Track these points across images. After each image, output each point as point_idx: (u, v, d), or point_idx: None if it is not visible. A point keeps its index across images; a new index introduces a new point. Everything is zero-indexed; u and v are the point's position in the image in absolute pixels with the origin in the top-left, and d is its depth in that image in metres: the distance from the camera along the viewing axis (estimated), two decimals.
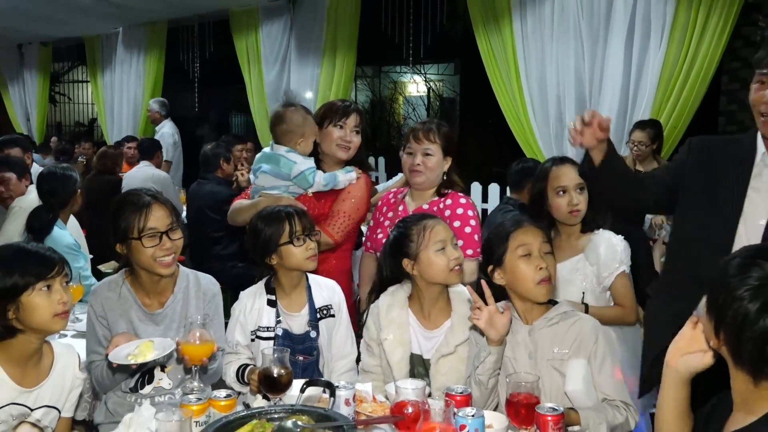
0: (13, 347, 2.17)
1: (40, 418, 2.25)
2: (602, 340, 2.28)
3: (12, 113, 12.03)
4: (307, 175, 3.24)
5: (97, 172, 6.65)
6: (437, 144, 3.15)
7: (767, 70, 2.28)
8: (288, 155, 3.26)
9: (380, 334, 2.62)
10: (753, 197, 2.39)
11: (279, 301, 2.73)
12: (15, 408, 2.17)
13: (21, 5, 8.18)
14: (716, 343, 1.58)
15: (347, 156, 3.35)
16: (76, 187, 4.02)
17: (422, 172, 3.16)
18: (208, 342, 2.34)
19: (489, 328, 2.25)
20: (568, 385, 2.22)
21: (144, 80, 9.54)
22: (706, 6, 4.85)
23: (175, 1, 7.78)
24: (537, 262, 2.31)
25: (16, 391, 2.17)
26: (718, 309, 1.55)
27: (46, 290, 2.15)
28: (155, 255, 2.48)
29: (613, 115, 5.31)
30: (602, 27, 5.30)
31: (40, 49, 11.18)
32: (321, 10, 7.33)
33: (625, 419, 2.17)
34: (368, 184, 3.43)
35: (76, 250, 3.82)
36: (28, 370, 2.22)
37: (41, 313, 2.14)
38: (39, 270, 2.15)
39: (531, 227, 2.40)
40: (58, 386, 2.30)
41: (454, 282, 2.59)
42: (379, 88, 15.59)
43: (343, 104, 3.40)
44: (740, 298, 1.49)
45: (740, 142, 2.50)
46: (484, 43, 5.90)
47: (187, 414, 1.99)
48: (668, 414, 1.78)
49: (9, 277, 2.11)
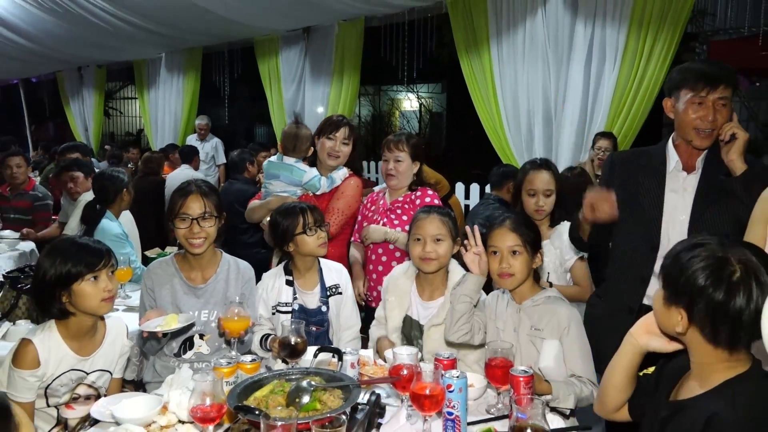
0: (71, 324, 2.19)
1: (95, 380, 2.25)
2: (575, 325, 2.25)
3: (73, 125, 12.01)
4: (316, 181, 3.34)
5: (143, 174, 6.63)
6: (405, 152, 3.22)
7: (703, 93, 2.28)
8: (297, 165, 3.38)
9: (386, 295, 2.68)
10: (671, 198, 2.40)
11: (295, 281, 2.73)
12: (74, 373, 2.18)
13: (82, 35, 8.18)
14: (685, 326, 1.49)
15: (337, 163, 3.41)
16: (122, 185, 3.98)
17: (395, 175, 3.25)
18: (245, 318, 2.35)
19: (472, 263, 2.32)
20: (541, 362, 2.20)
21: (183, 97, 9.53)
22: (652, 35, 4.84)
23: (209, 31, 7.76)
24: (500, 260, 2.31)
25: (75, 359, 2.18)
26: (688, 300, 1.47)
27: (93, 280, 2.15)
28: (186, 236, 2.50)
29: (574, 127, 5.32)
30: (565, 53, 5.28)
31: (96, 71, 11.14)
32: (331, 38, 7.31)
33: (590, 393, 2.16)
34: (359, 185, 3.44)
35: (122, 239, 3.81)
36: (84, 341, 2.22)
37: (90, 299, 2.15)
38: (89, 261, 2.15)
39: (503, 230, 2.33)
40: (109, 353, 2.30)
41: (425, 270, 2.57)
42: (379, 104, 15.58)
43: (336, 119, 3.44)
44: (707, 286, 1.43)
45: (651, 153, 2.51)
46: (467, 67, 5.88)
47: (219, 375, 1.99)
48: (617, 376, 1.72)
49: (63, 266, 2.12)
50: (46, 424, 2.20)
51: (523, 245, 2.30)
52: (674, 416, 1.52)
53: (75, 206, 4.50)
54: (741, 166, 2.26)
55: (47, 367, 2.10)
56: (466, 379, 1.90)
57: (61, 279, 2.11)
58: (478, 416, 2.02)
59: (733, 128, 2.27)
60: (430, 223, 2.54)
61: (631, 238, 2.45)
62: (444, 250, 2.53)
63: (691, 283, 1.46)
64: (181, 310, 2.56)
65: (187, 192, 2.51)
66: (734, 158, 2.27)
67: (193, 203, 2.49)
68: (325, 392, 1.86)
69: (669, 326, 1.55)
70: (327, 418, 1.64)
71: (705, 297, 1.44)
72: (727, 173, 2.29)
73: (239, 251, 3.19)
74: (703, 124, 2.30)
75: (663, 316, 1.57)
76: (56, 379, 2.13)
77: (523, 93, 5.54)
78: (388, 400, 2.10)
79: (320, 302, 2.72)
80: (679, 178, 2.41)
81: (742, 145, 2.27)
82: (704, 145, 2.34)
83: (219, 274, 2.64)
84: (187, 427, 1.89)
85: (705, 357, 1.50)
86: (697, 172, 2.38)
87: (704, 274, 1.44)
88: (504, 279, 2.31)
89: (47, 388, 2.13)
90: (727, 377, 1.47)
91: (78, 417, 2.23)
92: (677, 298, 1.50)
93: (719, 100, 2.27)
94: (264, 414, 1.65)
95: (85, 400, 2.24)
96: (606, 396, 1.77)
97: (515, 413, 1.63)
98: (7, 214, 5.52)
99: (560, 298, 2.36)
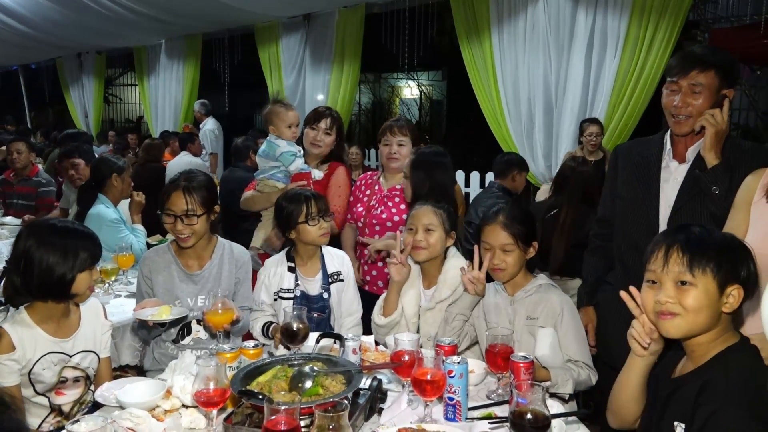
0: (39, 309, 2.18)
1: (79, 361, 2.25)
2: (567, 310, 2.28)
3: (73, 111, 12.00)
4: (288, 155, 3.38)
5: (144, 161, 6.62)
6: (408, 136, 3.31)
7: (675, 78, 2.27)
8: (274, 140, 3.43)
9: None
10: (665, 187, 2.38)
11: (298, 268, 2.74)
12: (54, 356, 2.18)
13: (81, 21, 8.15)
14: (739, 301, 1.53)
15: (319, 152, 3.48)
16: (113, 169, 3.94)
17: (398, 159, 3.31)
18: (229, 311, 2.33)
19: (468, 284, 2.34)
20: (537, 350, 2.21)
21: (183, 84, 9.50)
22: (654, 23, 4.82)
23: (209, 17, 7.72)
24: (492, 256, 2.33)
25: (51, 341, 2.17)
26: (736, 272, 1.52)
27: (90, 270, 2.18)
28: (172, 230, 2.54)
29: (574, 115, 5.33)
30: (566, 40, 5.27)
31: (96, 57, 11.10)
32: (331, 25, 7.28)
33: (587, 376, 2.19)
34: (347, 173, 3.54)
35: (117, 224, 3.82)
36: (60, 324, 2.22)
37: (82, 287, 2.17)
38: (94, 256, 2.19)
39: (495, 227, 2.35)
40: (89, 333, 2.30)
41: (415, 258, 2.61)
42: (379, 92, 15.52)
43: (320, 110, 3.53)
44: (744, 252, 1.55)
45: (651, 143, 2.49)
46: (468, 54, 5.86)
47: (222, 360, 2.01)
48: (631, 389, 1.71)
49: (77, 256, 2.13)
50: (40, 412, 2.20)
51: (515, 242, 2.32)
52: (676, 392, 1.57)
53: (77, 193, 4.50)
54: (711, 159, 2.20)
55: (23, 350, 2.09)
56: (467, 364, 1.92)
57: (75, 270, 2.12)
58: (478, 401, 2.03)
59: (704, 120, 2.20)
60: (423, 214, 2.59)
61: (635, 224, 2.44)
62: (434, 239, 2.56)
63: (744, 254, 1.54)
64: (178, 297, 2.59)
65: (172, 188, 2.54)
66: (704, 151, 2.23)
67: (178, 200, 2.51)
68: (327, 377, 1.87)
69: (716, 311, 1.53)
70: (329, 402, 1.64)
71: (752, 264, 1.53)
72: (704, 167, 2.24)
73: (240, 239, 3.20)
74: (675, 110, 2.27)
75: (711, 304, 1.52)
76: (37, 363, 2.13)
77: (524, 81, 5.53)
78: (390, 385, 2.11)
79: (322, 289, 2.73)
80: (671, 168, 2.39)
81: (711, 137, 2.19)
82: (681, 131, 2.31)
83: (214, 259, 2.67)
84: (190, 411, 1.90)
85: (713, 335, 1.55)
86: (688, 162, 2.34)
87: (740, 243, 1.56)
88: (496, 273, 2.36)
89: (30, 373, 2.12)
90: (720, 350, 1.53)
91: (71, 402, 2.24)
92: (737, 275, 1.52)
93: (692, 85, 2.23)
94: (267, 398, 1.67)
95: (73, 382, 2.24)
96: (623, 410, 1.75)
97: (515, 398, 1.64)
98: (11, 199, 5.53)
99: (552, 285, 2.38)
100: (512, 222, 2.33)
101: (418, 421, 1.86)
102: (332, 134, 3.46)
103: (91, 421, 1.56)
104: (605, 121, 5.21)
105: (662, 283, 1.56)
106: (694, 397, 1.47)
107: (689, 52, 2.32)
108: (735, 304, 1.52)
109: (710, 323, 1.53)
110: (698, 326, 1.54)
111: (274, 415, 1.53)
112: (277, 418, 1.53)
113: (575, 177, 3.89)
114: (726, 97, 2.24)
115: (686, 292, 1.52)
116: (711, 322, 1.53)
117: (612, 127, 5.21)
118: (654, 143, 2.47)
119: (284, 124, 3.45)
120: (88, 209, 3.84)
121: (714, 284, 1.51)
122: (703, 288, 1.51)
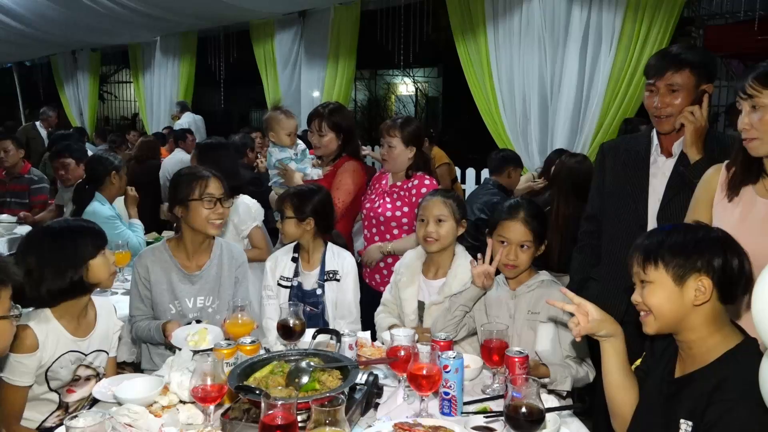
0: (67, 305, 2.19)
1: (93, 360, 2.28)
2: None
3: (68, 109, 11.95)
4: (283, 162, 3.49)
5: (140, 158, 6.60)
6: (397, 138, 3.24)
7: (652, 80, 2.30)
8: (270, 149, 3.57)
9: (397, 276, 2.72)
10: (653, 182, 2.41)
11: (300, 260, 2.77)
12: (73, 354, 2.20)
13: (75, 18, 8.11)
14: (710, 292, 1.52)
15: (319, 153, 3.55)
16: (111, 167, 3.92)
17: (387, 160, 3.30)
18: (249, 323, 2.34)
19: (477, 277, 2.33)
20: (537, 346, 2.23)
21: (178, 81, 9.49)
22: (648, 19, 4.84)
23: (204, 14, 7.71)
24: (507, 252, 2.32)
25: (71, 340, 2.19)
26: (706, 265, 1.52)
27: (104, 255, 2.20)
28: (209, 217, 2.53)
29: (569, 111, 5.34)
30: (561, 36, 5.28)
31: (90, 54, 11.07)
32: (326, 22, 7.28)
33: (585, 373, 2.20)
34: (357, 170, 3.48)
35: (113, 220, 3.81)
36: (80, 322, 2.24)
37: (103, 272, 2.20)
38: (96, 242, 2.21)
39: (516, 223, 2.33)
40: (103, 332, 2.32)
41: (427, 249, 2.62)
42: (374, 89, 15.53)
43: (310, 113, 3.56)
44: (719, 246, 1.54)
45: (638, 138, 2.52)
46: (463, 50, 5.87)
47: (220, 356, 2.01)
48: (615, 376, 1.73)
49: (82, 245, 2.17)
50: (48, 407, 2.21)
51: (533, 240, 2.32)
52: (682, 390, 1.57)
53: (69, 192, 4.48)
54: (694, 155, 2.24)
55: (45, 350, 2.11)
56: (463, 359, 1.93)
57: (84, 253, 2.15)
58: (474, 396, 2.05)
59: (683, 118, 2.25)
60: (434, 205, 2.59)
61: (623, 220, 2.46)
62: (446, 230, 2.56)
63: (708, 246, 1.53)
64: (177, 298, 2.59)
65: (205, 175, 2.56)
66: (686, 148, 2.27)
67: (214, 184, 2.56)
68: (323, 373, 1.88)
69: (683, 305, 1.55)
70: (326, 397, 1.65)
71: (721, 256, 1.52)
72: (688, 162, 2.27)
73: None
74: (655, 110, 2.31)
75: (672, 298, 1.56)
76: (56, 361, 2.15)
77: (519, 77, 5.54)
78: (386, 380, 2.12)
79: (316, 284, 2.74)
80: (659, 162, 2.41)
81: (690, 134, 2.23)
82: (664, 129, 2.34)
83: (213, 259, 2.67)
84: (188, 407, 1.91)
85: (703, 330, 1.55)
86: (675, 157, 2.37)
87: (711, 236, 1.55)
88: (508, 269, 2.35)
89: (48, 371, 2.14)
90: (726, 349, 1.53)
91: (78, 399, 2.26)
92: (693, 267, 1.53)
93: (668, 86, 2.26)
94: (264, 393, 1.67)
95: (85, 381, 2.26)
96: (616, 402, 1.76)
97: (510, 393, 1.65)
98: (4, 198, 5.50)
99: (553, 281, 2.39)
100: (533, 219, 2.33)
101: (414, 416, 1.87)
102: (327, 134, 3.43)
103: (89, 416, 1.56)
104: (600, 117, 5.22)
105: (636, 285, 1.64)
106: (707, 395, 1.47)
107: (665, 52, 2.35)
108: (705, 296, 1.52)
109: (683, 317, 1.55)
110: (668, 321, 1.57)
111: (271, 410, 1.54)
112: (274, 413, 1.53)
113: (563, 170, 3.89)
114: (705, 93, 2.27)
115: (646, 290, 1.59)
116: (682, 316, 1.55)
117: (607, 123, 5.21)
118: (642, 139, 2.50)
119: (284, 132, 3.53)
120: (84, 207, 3.83)
121: (668, 278, 1.55)
122: (659, 283, 1.56)
